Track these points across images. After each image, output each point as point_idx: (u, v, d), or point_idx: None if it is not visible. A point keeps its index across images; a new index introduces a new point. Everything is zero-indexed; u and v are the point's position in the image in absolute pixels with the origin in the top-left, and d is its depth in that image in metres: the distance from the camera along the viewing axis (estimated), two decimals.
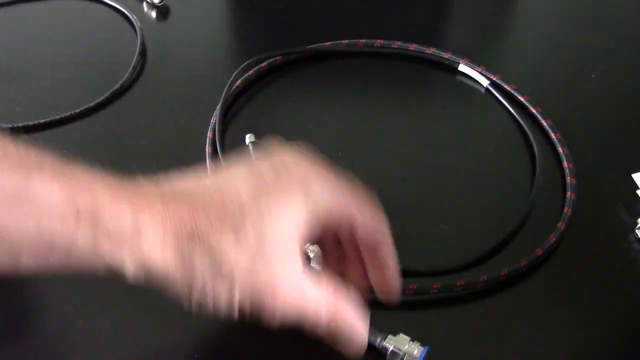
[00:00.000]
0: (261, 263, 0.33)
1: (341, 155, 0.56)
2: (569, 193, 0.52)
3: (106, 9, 0.72)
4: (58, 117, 0.58)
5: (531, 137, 0.57)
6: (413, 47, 0.66)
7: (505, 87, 0.62)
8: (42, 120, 0.57)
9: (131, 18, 0.69)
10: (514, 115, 0.60)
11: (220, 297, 0.33)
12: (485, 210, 0.53)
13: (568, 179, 0.53)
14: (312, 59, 0.65)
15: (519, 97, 0.61)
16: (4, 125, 0.56)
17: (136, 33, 0.67)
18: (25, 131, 0.57)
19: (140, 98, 0.62)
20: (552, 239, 0.49)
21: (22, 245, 0.30)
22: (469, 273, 0.47)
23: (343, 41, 0.66)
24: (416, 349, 0.40)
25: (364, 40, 0.66)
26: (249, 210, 0.33)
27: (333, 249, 0.42)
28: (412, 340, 0.41)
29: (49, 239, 0.30)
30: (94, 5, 0.72)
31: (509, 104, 0.61)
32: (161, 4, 0.71)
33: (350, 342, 0.38)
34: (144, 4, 0.72)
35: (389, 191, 0.54)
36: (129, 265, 0.32)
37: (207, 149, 0.55)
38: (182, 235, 0.32)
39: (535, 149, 0.56)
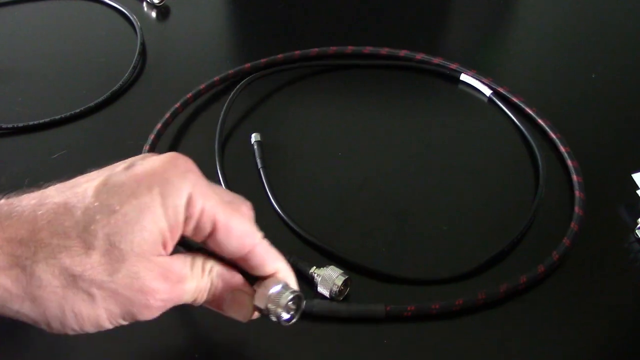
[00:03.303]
0: (122, 270, 0.30)
1: (341, 155, 0.57)
2: (577, 208, 0.52)
3: (106, 9, 0.72)
4: (58, 117, 0.58)
5: (533, 143, 0.57)
6: (419, 56, 0.66)
7: (500, 89, 0.62)
8: (42, 120, 0.57)
9: (131, 18, 0.69)
10: (515, 122, 0.60)
11: (82, 315, 0.30)
12: (489, 217, 0.53)
13: (577, 192, 0.53)
14: (314, 67, 0.65)
15: (514, 99, 0.61)
16: (4, 125, 0.56)
17: (136, 33, 0.67)
18: (25, 131, 0.57)
19: (140, 98, 0.62)
20: (555, 255, 0.48)
21: None
22: (477, 280, 0.47)
23: (349, 47, 0.66)
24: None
25: (370, 48, 0.66)
26: (97, 211, 0.29)
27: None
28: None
29: None
30: (94, 5, 0.72)
31: (510, 112, 0.60)
32: (161, 4, 0.72)
33: (236, 315, 0.36)
34: (144, 4, 0.72)
35: (387, 194, 0.54)
36: None
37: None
38: (22, 254, 0.29)
39: (538, 155, 0.56)
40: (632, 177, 0.54)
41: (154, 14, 0.72)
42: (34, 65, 0.65)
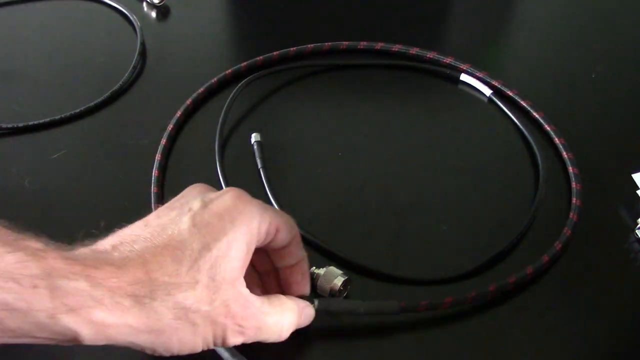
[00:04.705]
0: (218, 299, 0.35)
1: (341, 155, 0.57)
2: (574, 199, 0.52)
3: (106, 9, 0.72)
4: (58, 117, 0.58)
5: (533, 143, 0.57)
6: (428, 55, 0.66)
7: (508, 92, 0.62)
8: (42, 120, 0.57)
9: (131, 18, 0.69)
10: (515, 122, 0.60)
11: (185, 342, 0.35)
12: (489, 217, 0.53)
13: (574, 184, 0.53)
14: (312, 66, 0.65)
15: (521, 102, 0.61)
16: (4, 125, 0.56)
17: (136, 33, 0.67)
18: (25, 131, 0.57)
19: (140, 98, 0.62)
20: (558, 245, 0.48)
21: None
22: (477, 280, 0.47)
23: (343, 43, 0.66)
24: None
25: (365, 42, 0.66)
26: (198, 250, 0.35)
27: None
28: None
29: (5, 300, 0.30)
30: (94, 5, 0.72)
31: (510, 112, 0.60)
32: (161, 4, 0.72)
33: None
34: (144, 4, 0.72)
35: (387, 194, 0.54)
36: (86, 332, 0.32)
37: (153, 193, 0.52)
38: (141, 294, 0.33)
39: (538, 155, 0.56)
40: (632, 177, 0.54)
41: (154, 14, 0.72)
42: (34, 65, 0.65)
